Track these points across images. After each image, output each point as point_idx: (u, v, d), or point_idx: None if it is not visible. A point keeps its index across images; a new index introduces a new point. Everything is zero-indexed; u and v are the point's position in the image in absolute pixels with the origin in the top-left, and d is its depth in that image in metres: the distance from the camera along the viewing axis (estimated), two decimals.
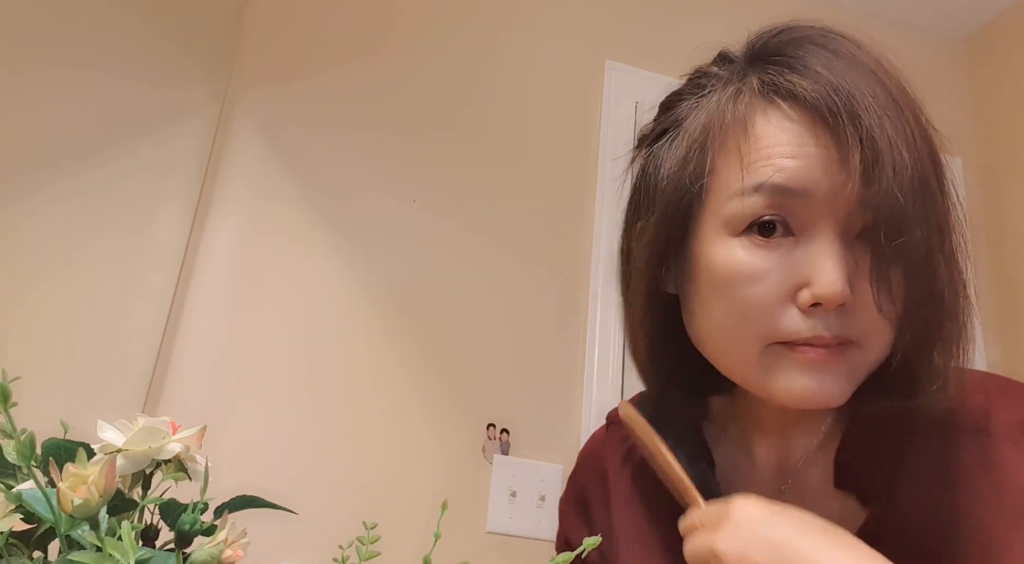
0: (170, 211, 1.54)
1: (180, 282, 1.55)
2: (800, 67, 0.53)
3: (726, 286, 0.55)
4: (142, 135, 1.43)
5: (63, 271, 1.20)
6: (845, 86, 0.51)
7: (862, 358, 0.54)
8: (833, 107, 0.51)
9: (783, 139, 0.53)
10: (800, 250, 0.53)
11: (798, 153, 0.52)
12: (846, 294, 0.51)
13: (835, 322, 0.53)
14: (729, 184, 0.55)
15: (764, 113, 0.54)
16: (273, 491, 0.66)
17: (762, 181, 0.53)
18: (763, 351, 0.55)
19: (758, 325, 0.54)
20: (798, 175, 0.52)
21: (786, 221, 0.53)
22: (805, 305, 0.53)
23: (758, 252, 0.54)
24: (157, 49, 1.46)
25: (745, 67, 0.58)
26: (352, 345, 1.60)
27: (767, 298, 0.53)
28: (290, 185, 1.68)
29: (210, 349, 1.53)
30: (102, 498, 0.42)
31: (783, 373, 0.54)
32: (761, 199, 0.53)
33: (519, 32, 1.98)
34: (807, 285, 0.52)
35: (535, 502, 1.59)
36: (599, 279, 1.79)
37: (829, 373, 0.53)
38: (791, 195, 0.52)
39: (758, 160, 0.53)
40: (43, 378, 1.04)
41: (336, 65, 1.80)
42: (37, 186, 1.11)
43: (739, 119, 0.55)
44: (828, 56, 0.53)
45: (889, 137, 0.50)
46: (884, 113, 0.50)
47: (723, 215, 0.55)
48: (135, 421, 0.54)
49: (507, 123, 1.88)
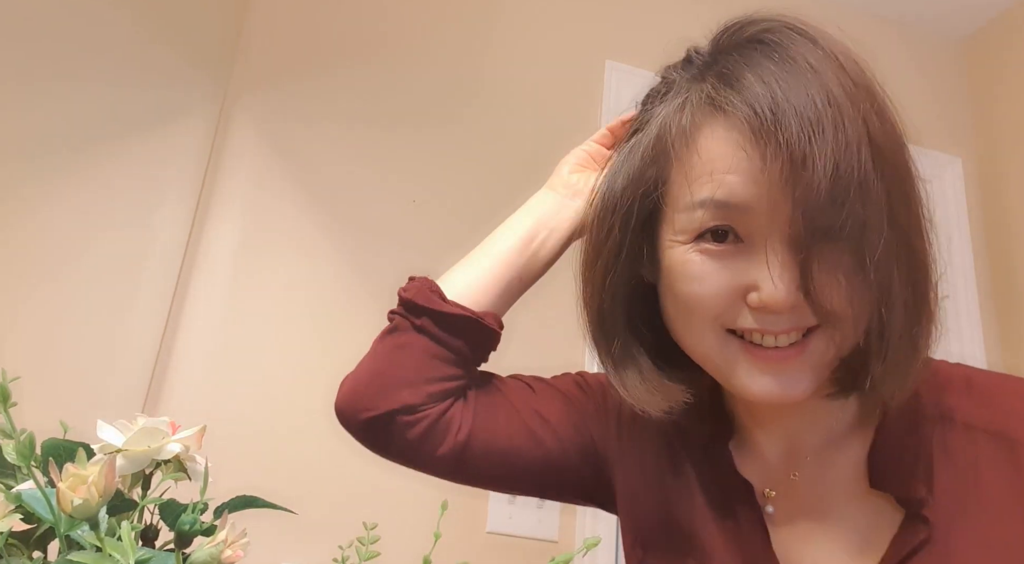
0: (170, 211, 1.54)
1: (180, 282, 1.55)
2: (735, 81, 0.55)
3: (678, 283, 0.58)
4: (142, 135, 1.43)
5: (63, 271, 1.20)
6: (774, 98, 0.52)
7: (826, 343, 0.56)
8: (757, 122, 0.52)
9: (722, 152, 0.55)
10: (748, 255, 0.55)
11: (736, 168, 0.54)
12: (790, 301, 0.53)
13: (787, 318, 0.55)
14: (678, 197, 0.58)
15: (707, 126, 0.56)
16: (273, 491, 0.66)
17: (705, 198, 0.55)
18: (722, 341, 0.57)
19: (711, 316, 0.57)
20: (738, 190, 0.54)
21: (733, 229, 0.55)
22: (754, 306, 0.55)
23: (707, 259, 0.56)
24: (157, 49, 1.46)
25: (698, 74, 0.60)
26: (352, 345, 1.60)
27: (715, 296, 0.56)
28: (290, 185, 1.68)
29: (210, 349, 1.53)
30: (102, 498, 0.42)
31: (744, 372, 0.57)
32: (706, 213, 0.55)
33: (519, 32, 1.97)
34: (755, 289, 0.55)
35: (535, 502, 1.58)
36: None
37: (788, 372, 0.56)
38: (733, 209, 0.54)
39: (701, 176, 0.55)
40: (43, 378, 1.04)
41: (336, 65, 1.80)
42: (37, 186, 1.11)
43: (683, 132, 0.57)
44: (766, 65, 0.54)
45: (814, 144, 0.51)
46: (815, 120, 0.51)
47: (675, 225, 0.58)
48: (135, 421, 0.54)
49: (507, 123, 1.88)
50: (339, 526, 0.81)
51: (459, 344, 0.72)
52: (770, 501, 0.64)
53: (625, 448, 0.72)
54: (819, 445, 0.63)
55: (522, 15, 1.99)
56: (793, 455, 0.64)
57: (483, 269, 0.77)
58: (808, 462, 0.63)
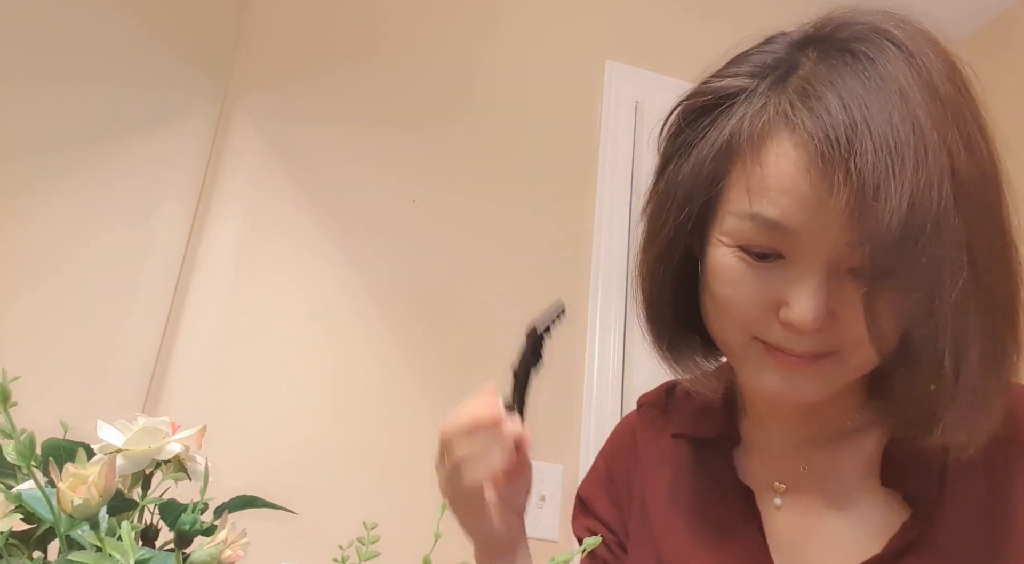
0: (170, 211, 1.54)
1: (180, 282, 1.54)
2: (815, 99, 0.52)
3: (717, 285, 0.58)
4: (142, 135, 1.43)
5: (63, 270, 1.20)
6: (853, 123, 0.50)
7: (839, 367, 0.56)
8: (829, 146, 0.50)
9: (785, 171, 0.53)
10: (786, 271, 0.55)
11: (795, 190, 0.53)
12: (818, 324, 0.53)
13: (810, 340, 0.55)
14: (733, 200, 0.57)
15: (777, 138, 0.54)
16: (273, 491, 0.66)
17: (756, 212, 0.54)
18: (748, 343, 0.58)
19: (740, 323, 0.58)
20: (789, 214, 0.53)
21: (776, 248, 0.55)
22: (784, 320, 0.55)
23: (747, 268, 0.56)
24: (157, 49, 1.46)
25: (781, 79, 0.57)
26: (352, 345, 1.60)
27: (747, 306, 0.56)
28: (290, 185, 1.68)
29: (210, 349, 1.53)
30: (102, 498, 0.42)
31: (758, 369, 0.58)
32: (754, 227, 0.55)
33: (519, 32, 1.97)
34: (787, 304, 0.55)
35: (535, 502, 1.58)
36: (599, 279, 1.79)
37: (801, 378, 0.56)
38: (782, 231, 0.54)
39: (759, 188, 0.54)
40: (43, 378, 1.04)
41: (336, 65, 1.80)
42: (37, 185, 1.11)
43: (753, 139, 0.55)
44: (852, 85, 0.51)
45: (890, 176, 0.48)
46: (895, 150, 0.49)
47: (724, 225, 0.58)
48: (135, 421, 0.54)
49: (507, 123, 1.88)
50: (339, 526, 0.81)
51: None
52: (779, 494, 0.64)
53: (645, 475, 0.74)
54: (832, 439, 0.64)
55: (522, 15, 1.99)
56: (804, 448, 0.65)
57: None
58: (819, 456, 0.64)
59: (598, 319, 1.75)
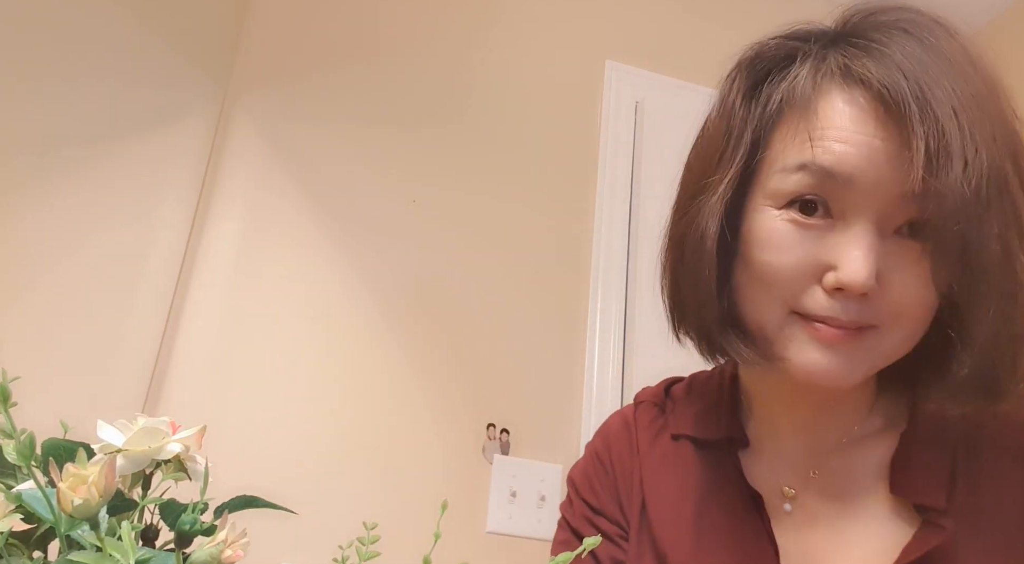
0: (170, 210, 1.54)
1: (180, 282, 1.55)
2: (877, 53, 0.52)
3: (759, 252, 0.56)
4: (142, 134, 1.43)
5: (63, 270, 1.20)
6: (920, 76, 0.50)
7: (879, 343, 0.55)
8: (901, 97, 0.50)
9: (841, 123, 0.52)
10: (834, 233, 0.53)
11: (851, 139, 0.52)
12: (869, 285, 0.51)
13: (854, 308, 0.53)
14: (778, 158, 0.55)
15: (831, 94, 0.54)
16: (273, 491, 0.66)
17: (808, 161, 0.53)
18: (784, 319, 0.56)
19: (782, 293, 0.55)
20: (845, 160, 0.52)
21: (827, 203, 0.54)
22: (829, 287, 0.53)
23: (794, 228, 0.55)
24: (158, 49, 1.46)
25: (828, 44, 0.57)
26: (352, 345, 1.60)
27: (793, 271, 0.54)
28: (290, 185, 1.68)
29: (210, 349, 1.53)
30: (102, 498, 0.42)
31: (797, 345, 0.55)
32: (804, 178, 0.53)
33: (519, 32, 1.97)
34: (833, 268, 0.53)
35: (535, 502, 1.58)
36: (599, 279, 1.79)
37: (841, 354, 0.54)
38: (834, 179, 0.52)
39: (811, 140, 0.53)
40: (43, 378, 1.04)
41: (336, 64, 1.80)
42: (38, 185, 1.11)
43: (806, 97, 0.54)
44: (911, 44, 0.52)
45: (962, 131, 0.49)
46: (961, 107, 0.49)
47: (768, 187, 0.56)
48: (135, 421, 0.54)
49: (507, 123, 1.88)
50: (339, 526, 0.81)
51: None
52: (788, 500, 0.63)
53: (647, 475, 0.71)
54: (841, 444, 0.63)
55: (522, 15, 1.99)
56: (814, 453, 0.64)
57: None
58: (829, 461, 0.63)
59: (598, 319, 1.75)
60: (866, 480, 0.61)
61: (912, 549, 0.56)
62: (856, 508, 0.61)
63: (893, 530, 0.58)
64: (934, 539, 0.56)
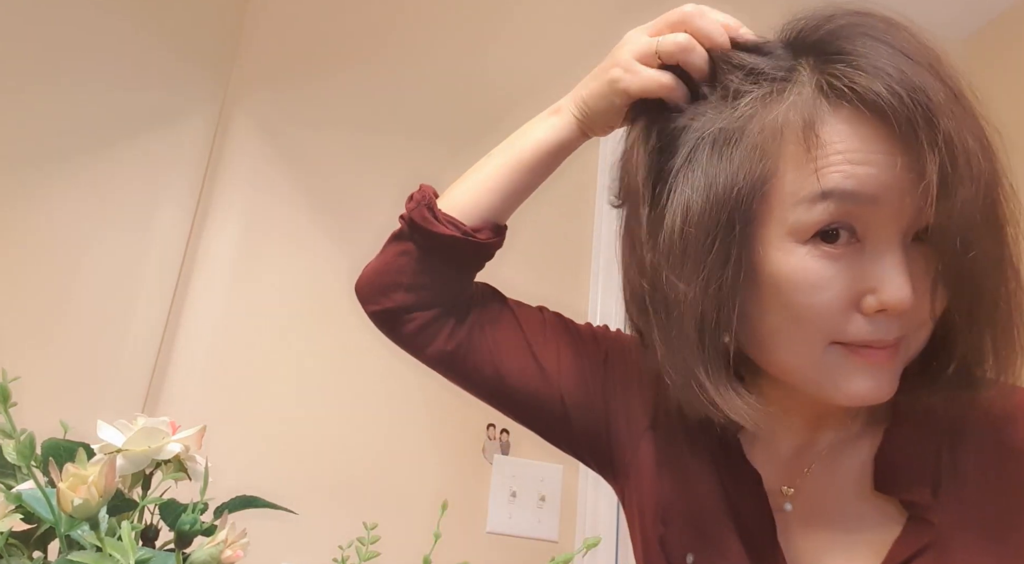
0: (170, 211, 1.54)
1: (180, 282, 1.55)
2: (866, 66, 0.51)
3: (791, 293, 0.53)
4: (142, 135, 1.43)
5: (64, 271, 1.20)
6: (918, 87, 0.49)
7: (907, 350, 0.55)
8: (907, 112, 0.49)
9: (850, 144, 0.51)
10: (866, 257, 0.52)
11: (868, 159, 0.51)
12: (912, 302, 0.51)
13: (896, 325, 0.53)
14: (794, 191, 0.52)
15: (829, 115, 0.52)
16: (273, 491, 0.66)
17: (831, 188, 0.51)
18: (823, 353, 0.54)
19: (822, 329, 0.53)
20: (868, 182, 0.50)
21: (852, 227, 0.52)
22: (870, 311, 0.52)
23: (824, 260, 0.52)
24: (158, 50, 1.46)
25: (793, 61, 0.54)
26: (352, 345, 1.60)
27: (832, 305, 0.53)
28: (290, 186, 1.68)
29: (210, 349, 1.53)
30: (102, 498, 0.42)
31: (844, 375, 0.54)
32: (830, 206, 0.51)
33: (519, 33, 1.97)
34: (872, 292, 0.52)
35: (535, 502, 1.58)
36: (599, 279, 1.79)
37: (886, 371, 0.54)
38: (860, 202, 0.51)
39: (826, 166, 0.51)
40: (43, 378, 1.04)
41: (336, 65, 1.80)
42: (38, 186, 1.11)
43: (803, 122, 0.52)
44: (892, 53, 0.51)
45: (966, 143, 0.49)
46: (951, 111, 0.49)
47: (788, 222, 0.53)
48: (135, 421, 0.54)
49: (507, 124, 1.87)
50: (339, 526, 0.81)
51: (450, 258, 0.77)
52: (788, 498, 0.63)
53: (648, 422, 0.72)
54: (832, 442, 0.63)
55: (523, 17, 1.99)
56: (806, 451, 0.64)
57: (486, 176, 0.83)
58: (820, 459, 0.63)
59: (598, 319, 1.75)
60: (854, 477, 0.61)
61: (900, 545, 0.57)
62: (846, 505, 0.61)
63: (882, 527, 0.59)
64: (922, 535, 0.56)
